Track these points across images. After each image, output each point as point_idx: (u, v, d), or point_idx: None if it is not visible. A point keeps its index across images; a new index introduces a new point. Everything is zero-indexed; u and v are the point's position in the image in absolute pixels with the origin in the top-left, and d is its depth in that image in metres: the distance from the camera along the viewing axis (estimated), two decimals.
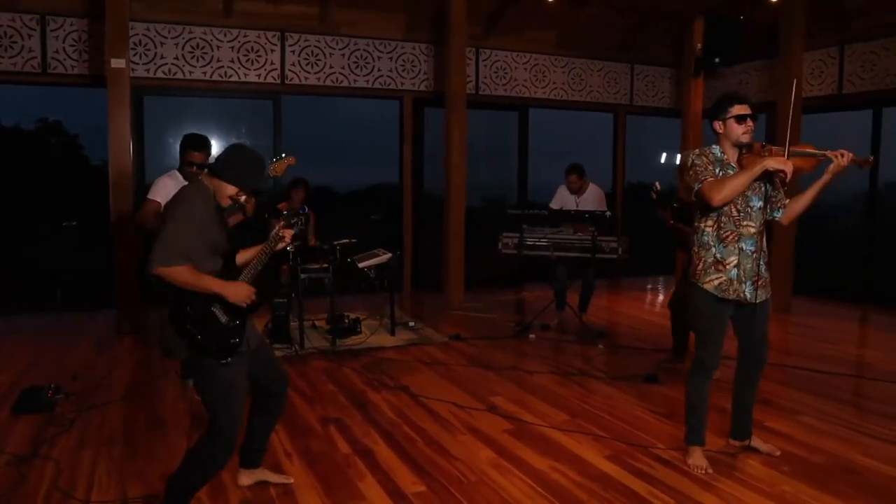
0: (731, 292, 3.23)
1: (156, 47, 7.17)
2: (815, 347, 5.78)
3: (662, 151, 9.71)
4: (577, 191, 6.66)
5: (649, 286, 9.49)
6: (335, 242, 5.98)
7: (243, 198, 2.75)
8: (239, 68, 7.53)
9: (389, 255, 6.11)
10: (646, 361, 5.39)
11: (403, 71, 8.33)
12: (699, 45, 8.43)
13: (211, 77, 7.42)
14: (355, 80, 8.09)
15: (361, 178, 10.84)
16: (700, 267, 3.29)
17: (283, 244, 2.97)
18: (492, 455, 3.55)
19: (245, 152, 2.77)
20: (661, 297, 8.70)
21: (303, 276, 5.74)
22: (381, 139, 8.79)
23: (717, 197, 3.09)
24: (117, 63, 5.90)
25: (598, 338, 6.10)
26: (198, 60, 7.35)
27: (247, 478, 3.17)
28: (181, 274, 2.56)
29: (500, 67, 8.82)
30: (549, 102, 9.17)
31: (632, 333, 6.42)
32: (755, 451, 3.56)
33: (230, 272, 2.78)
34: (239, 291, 2.71)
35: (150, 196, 4.38)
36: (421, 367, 5.25)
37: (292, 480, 3.21)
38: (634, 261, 6.15)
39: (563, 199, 6.74)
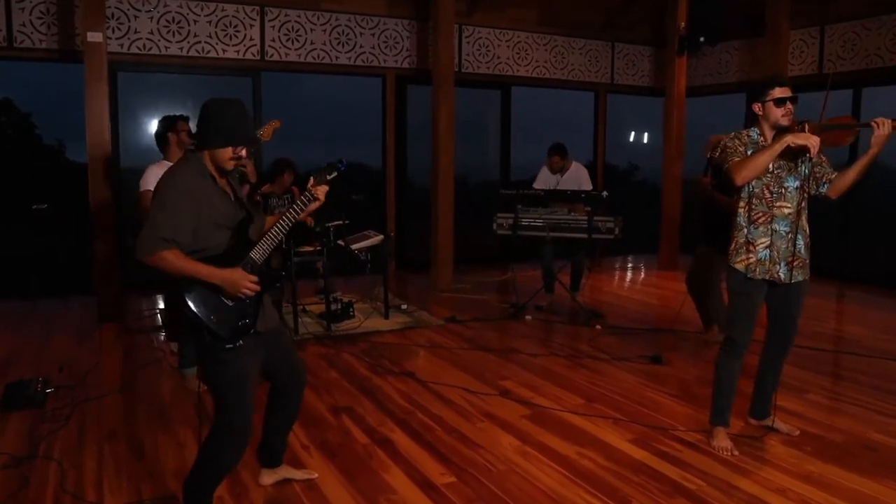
0: (759, 273, 3.21)
1: (129, 21, 6.80)
2: (807, 325, 5.83)
3: (644, 131, 9.73)
4: (559, 171, 6.59)
5: (630, 265, 9.53)
6: (327, 224, 5.81)
7: (243, 152, 2.49)
8: (217, 44, 7.21)
9: (381, 236, 5.97)
10: (645, 341, 5.39)
11: (386, 48, 8.10)
12: (683, 24, 8.40)
13: (188, 53, 7.08)
14: (337, 57, 7.84)
15: (342, 157, 10.55)
16: (733, 247, 3.29)
17: (317, 205, 2.68)
18: (515, 442, 3.48)
19: (220, 109, 2.46)
20: (643, 276, 8.75)
21: (295, 259, 5.55)
22: (363, 117, 8.56)
23: (739, 176, 3.08)
24: (94, 37, 5.55)
25: (594, 318, 6.07)
26: (174, 35, 7.00)
27: (268, 477, 3.02)
28: (165, 261, 2.34)
29: (483, 45, 8.66)
30: (531, 81, 9.05)
31: (622, 313, 6.41)
32: (775, 431, 3.58)
33: (240, 246, 2.53)
34: (231, 279, 2.42)
35: (144, 188, 4.29)
36: (421, 352, 5.15)
37: (316, 475, 3.08)
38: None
39: (545, 180, 6.63)
